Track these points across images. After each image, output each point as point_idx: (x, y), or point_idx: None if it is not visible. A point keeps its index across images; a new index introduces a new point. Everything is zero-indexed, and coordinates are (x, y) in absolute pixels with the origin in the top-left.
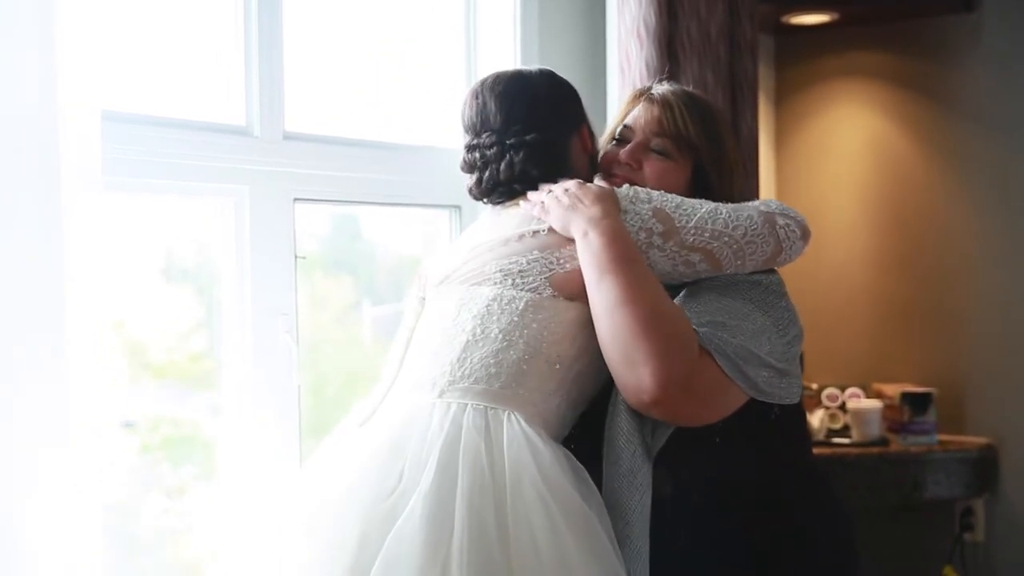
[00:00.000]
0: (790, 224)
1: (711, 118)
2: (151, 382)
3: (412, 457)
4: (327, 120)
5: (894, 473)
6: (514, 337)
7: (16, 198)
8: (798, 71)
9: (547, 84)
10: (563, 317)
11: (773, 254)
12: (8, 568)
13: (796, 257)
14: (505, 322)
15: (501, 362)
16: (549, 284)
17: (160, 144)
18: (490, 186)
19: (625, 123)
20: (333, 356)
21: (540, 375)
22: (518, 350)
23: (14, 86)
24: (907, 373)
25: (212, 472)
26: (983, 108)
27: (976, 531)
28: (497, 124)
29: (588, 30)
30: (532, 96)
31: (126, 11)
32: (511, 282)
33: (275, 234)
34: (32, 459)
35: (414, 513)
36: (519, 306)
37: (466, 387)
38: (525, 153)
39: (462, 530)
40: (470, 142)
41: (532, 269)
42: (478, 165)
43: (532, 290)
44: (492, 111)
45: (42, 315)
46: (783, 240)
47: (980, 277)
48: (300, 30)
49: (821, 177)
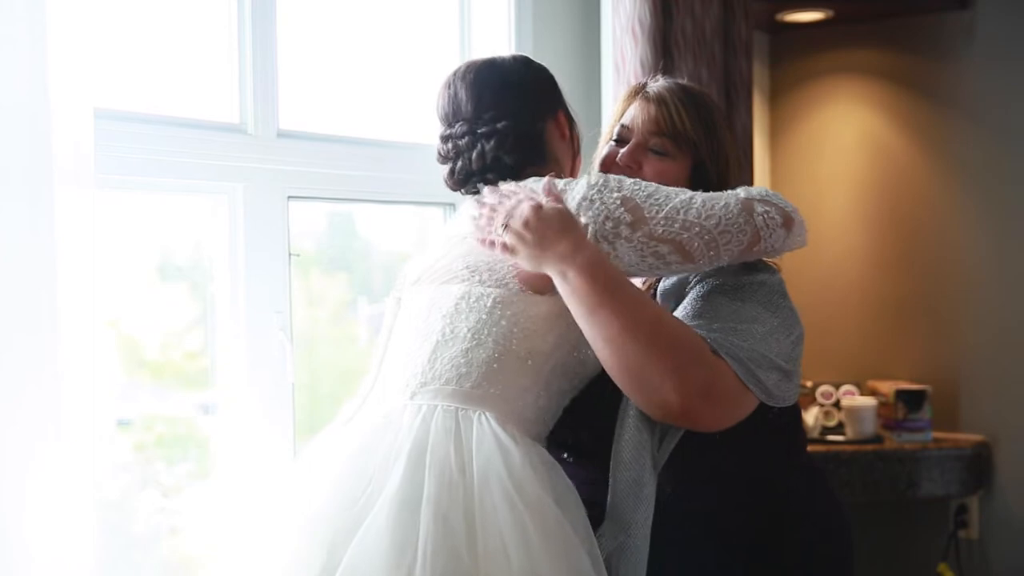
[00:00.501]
0: (769, 211)
1: (707, 112)
2: (146, 380)
3: (381, 462)
4: (321, 118)
5: (889, 470)
6: (483, 335)
7: (7, 196)
8: (793, 69)
9: (519, 70)
10: (533, 312)
11: (750, 244)
12: (5, 565)
13: (783, 247)
14: (474, 320)
15: (471, 361)
16: (516, 279)
17: (154, 142)
18: (463, 176)
19: (622, 123)
20: (328, 354)
21: (512, 373)
22: (487, 349)
23: (4, 84)
24: (902, 370)
25: (207, 470)
26: (978, 105)
27: (971, 528)
28: (468, 113)
29: (582, 28)
30: (503, 83)
31: (120, 8)
32: (478, 278)
33: (269, 232)
34: (25, 457)
35: (378, 518)
36: (487, 303)
37: (437, 388)
38: (497, 141)
39: (427, 534)
40: (443, 132)
41: (498, 264)
42: (451, 156)
43: (500, 286)
44: (463, 100)
45: (34, 314)
46: (761, 229)
47: (975, 275)
48: (294, 28)
49: (816, 174)
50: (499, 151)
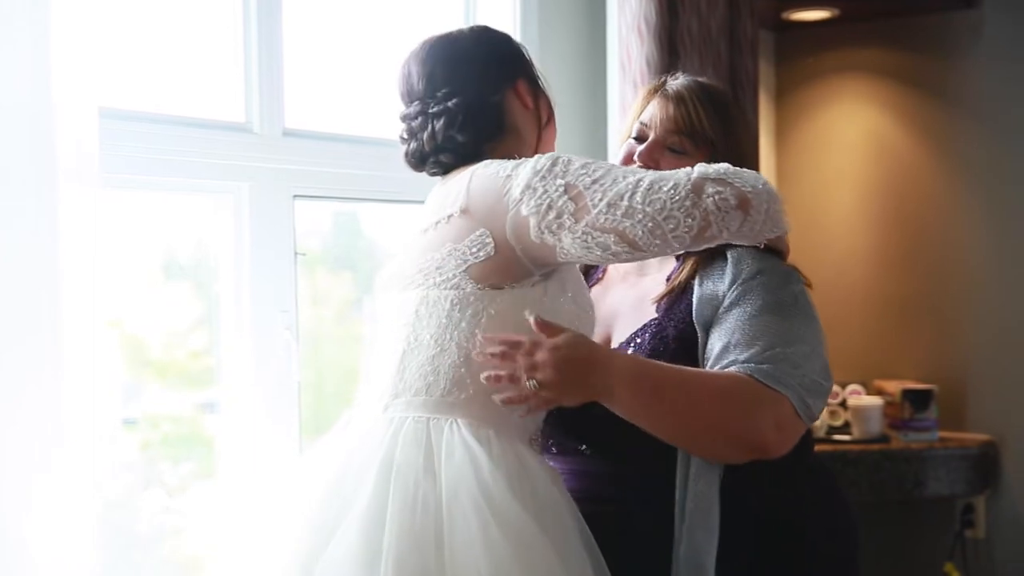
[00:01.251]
0: (722, 192)
1: (726, 110)
2: (151, 379)
3: (353, 478)
4: (327, 117)
5: (895, 470)
6: (446, 341)
7: (11, 195)
8: (798, 67)
9: (472, 42)
10: (494, 310)
11: (700, 230)
12: (7, 565)
13: (745, 232)
14: (435, 326)
15: (437, 369)
16: (469, 277)
17: (160, 141)
18: (417, 158)
19: (641, 120)
20: (333, 353)
21: (481, 375)
22: (452, 354)
23: (8, 83)
24: (908, 370)
25: (212, 469)
26: (984, 104)
27: (977, 528)
28: (420, 92)
29: (588, 27)
30: (454, 57)
31: (124, 6)
32: (432, 282)
33: (275, 231)
34: (28, 457)
35: (347, 536)
36: (445, 307)
37: (408, 400)
38: (447, 120)
39: (391, 552)
40: (400, 113)
41: (448, 264)
42: (406, 137)
43: (454, 287)
44: (415, 78)
45: (39, 313)
46: (711, 213)
47: (981, 274)
48: (299, 27)
49: (821, 174)
50: (450, 130)
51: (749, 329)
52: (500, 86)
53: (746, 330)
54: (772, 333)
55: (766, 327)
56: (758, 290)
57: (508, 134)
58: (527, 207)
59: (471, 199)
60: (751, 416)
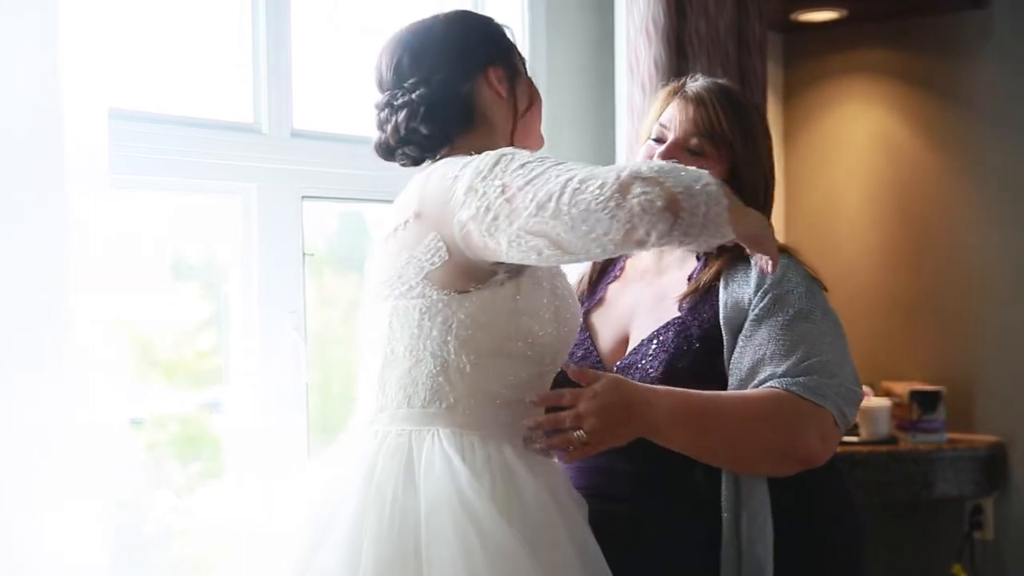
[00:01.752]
0: (649, 193)
1: (745, 112)
2: (159, 379)
3: (340, 493)
4: (335, 117)
5: (903, 471)
6: (420, 351)
7: (21, 195)
8: (807, 68)
9: (441, 29)
10: (463, 314)
11: (626, 233)
12: (16, 565)
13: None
14: (407, 337)
15: (415, 380)
16: (431, 284)
17: (168, 142)
18: (385, 150)
19: (660, 122)
20: (341, 354)
21: (460, 381)
22: (427, 364)
23: (18, 84)
24: (916, 371)
25: (220, 469)
26: (994, 105)
27: (985, 529)
28: (388, 82)
29: (596, 28)
30: (423, 46)
31: (133, 8)
32: (397, 292)
33: (283, 231)
34: (37, 457)
35: (330, 551)
36: (415, 316)
37: (391, 413)
38: (408, 112)
39: (369, 564)
40: (374, 103)
41: (407, 273)
42: (376, 128)
43: (419, 295)
44: (383, 69)
45: (47, 313)
46: (635, 215)
47: (990, 275)
48: (308, 27)
49: (830, 175)
50: (412, 122)
51: (784, 340)
52: (470, 75)
53: (781, 341)
54: (808, 342)
55: (801, 337)
56: (788, 298)
57: (479, 124)
58: (467, 211)
59: (423, 202)
60: (798, 435)
